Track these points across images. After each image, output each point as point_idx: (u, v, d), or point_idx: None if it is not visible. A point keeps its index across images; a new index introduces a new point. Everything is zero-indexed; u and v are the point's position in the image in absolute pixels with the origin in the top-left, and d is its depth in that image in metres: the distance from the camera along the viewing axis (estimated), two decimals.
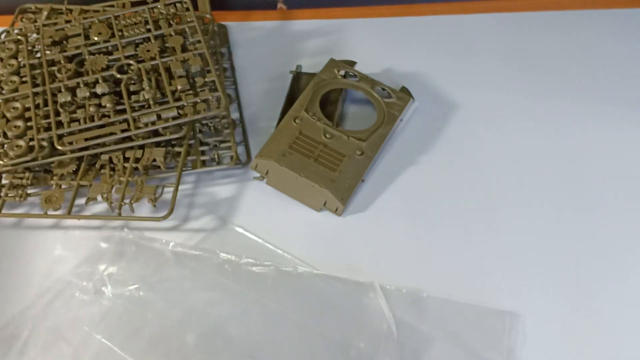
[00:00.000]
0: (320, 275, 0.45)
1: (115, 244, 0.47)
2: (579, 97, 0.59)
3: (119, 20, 0.57)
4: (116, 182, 0.49)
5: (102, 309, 0.44)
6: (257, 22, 0.67)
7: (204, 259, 0.46)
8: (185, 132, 0.51)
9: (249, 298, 0.44)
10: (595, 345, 0.43)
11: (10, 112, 0.51)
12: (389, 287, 0.44)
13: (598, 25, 0.66)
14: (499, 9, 0.68)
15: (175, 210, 0.48)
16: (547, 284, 0.46)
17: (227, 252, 0.47)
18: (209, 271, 0.46)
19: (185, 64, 0.52)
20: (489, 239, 0.48)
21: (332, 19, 0.67)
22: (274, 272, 0.45)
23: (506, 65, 0.62)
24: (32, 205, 0.50)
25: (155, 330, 0.43)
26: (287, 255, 0.47)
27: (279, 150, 0.51)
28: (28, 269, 0.47)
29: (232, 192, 0.52)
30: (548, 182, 0.52)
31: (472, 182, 0.52)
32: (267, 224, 0.49)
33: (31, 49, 0.56)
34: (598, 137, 0.55)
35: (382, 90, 0.57)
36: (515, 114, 0.57)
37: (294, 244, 0.48)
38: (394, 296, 0.44)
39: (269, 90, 0.60)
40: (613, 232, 0.49)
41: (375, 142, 0.52)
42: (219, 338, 0.42)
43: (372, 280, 0.45)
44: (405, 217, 0.50)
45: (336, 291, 0.45)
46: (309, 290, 0.45)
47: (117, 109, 0.51)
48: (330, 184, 0.49)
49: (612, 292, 0.45)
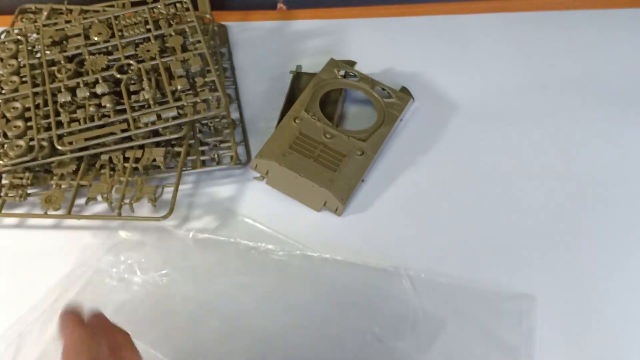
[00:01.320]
0: (343, 261, 0.46)
1: (136, 233, 0.48)
2: (580, 97, 0.59)
3: (119, 21, 0.57)
4: (116, 182, 0.49)
5: (130, 295, 0.45)
6: (257, 22, 0.67)
7: (227, 245, 0.47)
8: (185, 132, 0.51)
9: (276, 283, 0.45)
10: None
11: (10, 112, 0.51)
12: (410, 273, 0.45)
13: (598, 25, 0.66)
14: (499, 9, 0.68)
15: (175, 210, 0.48)
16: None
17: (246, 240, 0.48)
18: (235, 256, 0.47)
19: (185, 64, 0.52)
20: (489, 238, 0.49)
21: (332, 19, 0.67)
22: (299, 258, 0.46)
23: (506, 65, 0.62)
24: (32, 205, 0.50)
25: (182, 315, 0.44)
26: (299, 244, 0.47)
27: (279, 150, 0.51)
28: (28, 269, 0.47)
29: (232, 192, 0.52)
30: (548, 182, 0.52)
31: (473, 182, 0.52)
32: (267, 224, 0.49)
33: (31, 49, 0.56)
34: (599, 137, 0.55)
35: (382, 90, 0.57)
36: (516, 113, 0.57)
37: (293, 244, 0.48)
38: (413, 281, 0.45)
39: (269, 90, 0.60)
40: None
41: (375, 142, 0.52)
42: (243, 321, 0.44)
43: (398, 266, 0.45)
44: (405, 217, 0.50)
45: (360, 277, 0.46)
46: (333, 276, 0.46)
47: (117, 109, 0.51)
48: (330, 184, 0.49)
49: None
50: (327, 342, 0.43)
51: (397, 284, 0.45)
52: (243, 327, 0.43)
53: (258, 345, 0.43)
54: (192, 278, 0.46)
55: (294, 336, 0.43)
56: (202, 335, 0.43)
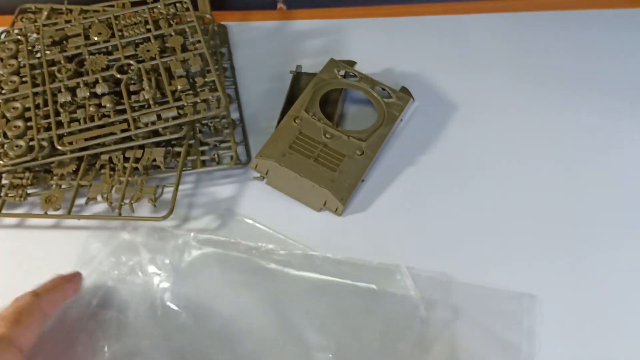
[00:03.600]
0: (343, 261, 0.46)
1: (137, 234, 0.48)
2: (580, 98, 0.59)
3: (119, 20, 0.57)
4: (116, 182, 0.49)
5: (131, 296, 0.45)
6: (257, 22, 0.67)
7: (228, 245, 0.47)
8: (185, 132, 0.51)
9: (277, 282, 0.46)
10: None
11: (10, 112, 0.51)
12: (411, 271, 0.45)
13: (598, 25, 0.66)
14: (499, 9, 0.68)
15: (175, 210, 0.48)
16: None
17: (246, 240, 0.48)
18: (237, 255, 0.47)
19: (185, 64, 0.52)
20: (489, 238, 0.49)
21: (332, 19, 0.67)
22: (300, 258, 0.47)
23: (506, 65, 0.62)
24: (32, 205, 0.50)
25: (183, 315, 0.44)
26: (299, 244, 0.48)
27: (279, 150, 0.51)
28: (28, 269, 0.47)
29: (232, 192, 0.52)
30: (549, 182, 0.52)
31: (473, 182, 0.52)
32: (267, 224, 0.49)
33: (31, 49, 0.56)
34: (599, 137, 0.55)
35: (382, 90, 0.57)
36: (516, 113, 0.57)
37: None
38: (414, 279, 0.45)
39: (269, 90, 0.60)
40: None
41: (375, 142, 0.52)
42: (245, 322, 0.44)
43: (399, 263, 0.45)
44: (405, 217, 0.50)
45: (360, 276, 0.46)
46: (334, 274, 0.46)
47: (117, 109, 0.51)
48: (330, 184, 0.49)
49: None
50: (327, 341, 0.43)
51: (398, 283, 0.45)
52: (245, 327, 0.43)
53: (258, 345, 0.43)
54: (192, 278, 0.46)
55: (294, 336, 0.43)
56: (203, 335, 0.43)
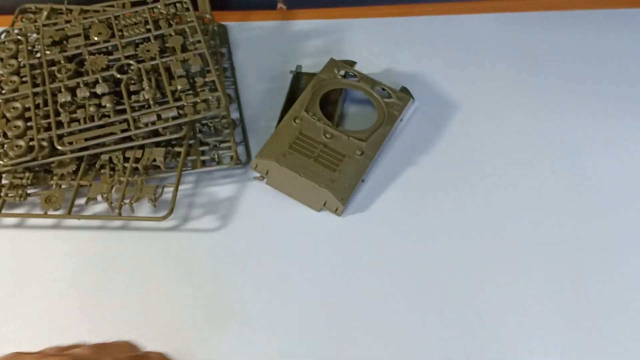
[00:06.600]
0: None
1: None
2: (580, 98, 0.59)
3: (119, 20, 0.57)
4: (116, 182, 0.49)
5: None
6: (257, 22, 0.67)
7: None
8: (185, 132, 0.51)
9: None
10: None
11: (10, 112, 0.51)
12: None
13: (598, 25, 0.66)
14: (499, 9, 0.68)
15: (175, 210, 0.48)
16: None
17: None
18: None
19: (185, 64, 0.52)
20: (490, 237, 0.49)
21: (332, 19, 0.67)
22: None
23: (506, 65, 0.62)
24: (32, 205, 0.50)
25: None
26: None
27: (279, 150, 0.51)
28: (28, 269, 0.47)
29: (232, 192, 0.52)
30: (549, 181, 0.52)
31: (473, 182, 0.52)
32: (267, 224, 0.49)
33: (31, 49, 0.56)
34: (600, 137, 0.55)
35: (382, 90, 0.57)
36: (516, 113, 0.57)
37: (293, 244, 0.48)
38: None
39: (269, 90, 0.60)
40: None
41: (375, 142, 0.52)
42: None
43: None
44: (405, 217, 0.50)
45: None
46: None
47: (117, 109, 0.51)
48: (330, 184, 0.49)
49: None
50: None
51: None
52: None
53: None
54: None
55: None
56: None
